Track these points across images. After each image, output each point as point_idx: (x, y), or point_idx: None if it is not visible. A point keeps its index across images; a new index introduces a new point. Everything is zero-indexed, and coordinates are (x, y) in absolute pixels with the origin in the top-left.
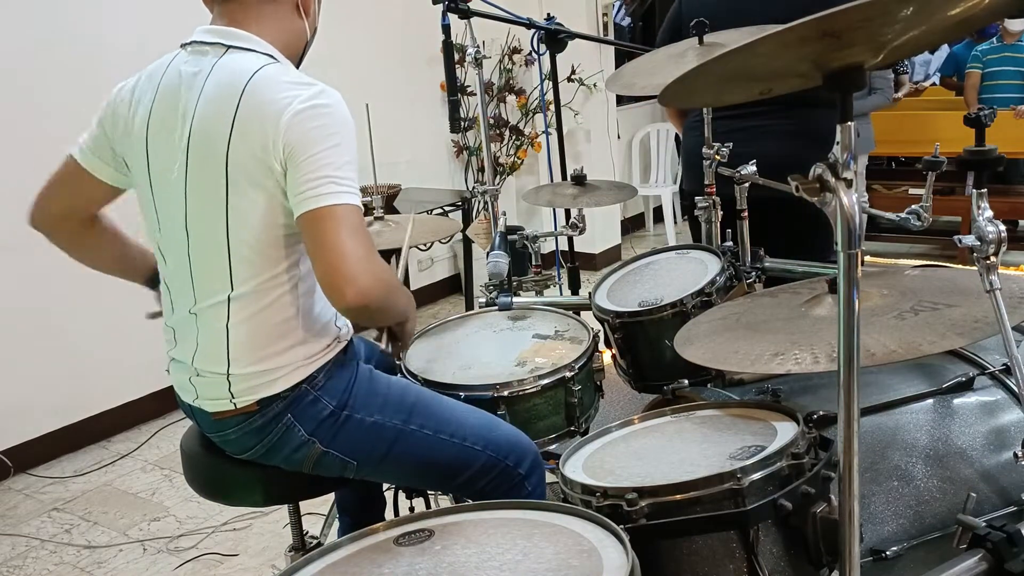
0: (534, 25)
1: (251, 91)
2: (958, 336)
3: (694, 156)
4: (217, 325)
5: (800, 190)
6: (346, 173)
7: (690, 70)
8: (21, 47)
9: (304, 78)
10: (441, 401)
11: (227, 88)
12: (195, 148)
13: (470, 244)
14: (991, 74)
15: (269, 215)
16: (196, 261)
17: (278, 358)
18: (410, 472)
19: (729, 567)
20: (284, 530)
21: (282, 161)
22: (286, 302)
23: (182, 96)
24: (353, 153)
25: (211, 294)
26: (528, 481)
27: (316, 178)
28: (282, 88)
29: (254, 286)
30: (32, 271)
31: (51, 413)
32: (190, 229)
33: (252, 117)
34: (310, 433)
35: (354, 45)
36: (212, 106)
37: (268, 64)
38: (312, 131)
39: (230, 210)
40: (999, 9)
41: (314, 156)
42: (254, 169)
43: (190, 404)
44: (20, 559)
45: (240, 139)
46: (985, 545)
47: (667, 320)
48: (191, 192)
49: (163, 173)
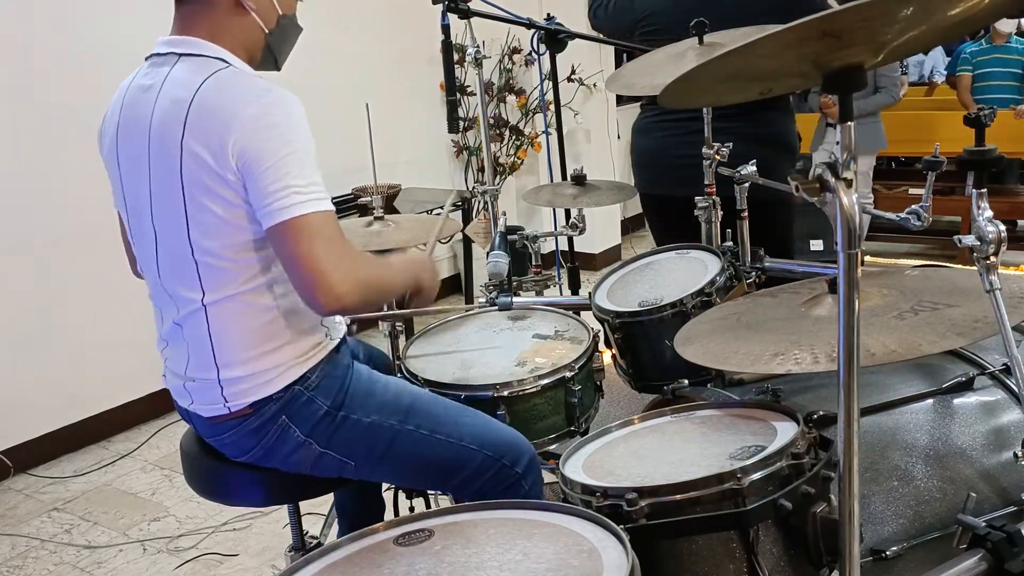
0: (534, 25)
1: (199, 102)
2: (958, 336)
3: (646, 156)
4: (199, 332)
5: (800, 190)
6: (308, 179)
7: (690, 70)
8: (23, 48)
9: (254, 83)
10: (438, 401)
11: (177, 100)
12: (154, 163)
13: (470, 244)
14: (982, 75)
15: (231, 223)
16: (167, 274)
17: (267, 359)
18: (408, 472)
19: (729, 567)
20: (284, 530)
21: (235, 171)
22: (265, 304)
23: (140, 111)
24: (311, 155)
25: (187, 303)
26: (525, 480)
27: (277, 189)
28: (229, 96)
29: (229, 292)
30: (32, 272)
31: (51, 413)
32: (159, 241)
33: (200, 128)
34: (306, 434)
35: (354, 45)
36: (164, 119)
37: (218, 70)
38: (265, 140)
39: (190, 221)
40: (999, 9)
41: (272, 166)
42: (207, 180)
43: (187, 409)
44: (20, 559)
45: (191, 151)
46: (985, 545)
47: (667, 320)
48: (155, 205)
49: (133, 190)
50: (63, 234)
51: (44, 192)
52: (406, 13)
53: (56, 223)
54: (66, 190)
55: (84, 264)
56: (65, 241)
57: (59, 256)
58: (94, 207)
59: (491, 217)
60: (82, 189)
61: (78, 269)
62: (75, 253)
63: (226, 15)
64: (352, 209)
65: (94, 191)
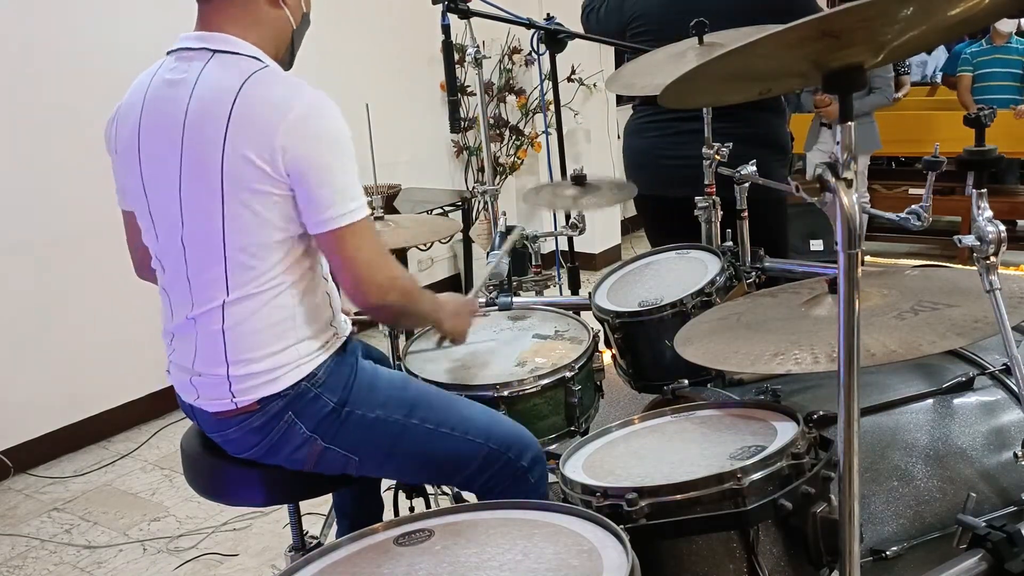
0: (534, 25)
1: (244, 98)
2: (958, 336)
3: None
4: (213, 328)
5: (800, 190)
6: (356, 185)
7: (690, 70)
8: (23, 48)
9: (296, 82)
10: (442, 396)
11: (218, 95)
12: (188, 157)
13: (470, 244)
14: (982, 76)
15: (266, 222)
16: (193, 269)
17: (277, 357)
18: (413, 467)
19: (729, 567)
20: (284, 530)
21: (283, 172)
22: (282, 303)
23: (170, 107)
24: (354, 158)
25: (208, 300)
26: (531, 474)
27: (332, 195)
28: (276, 95)
29: (250, 290)
30: (32, 272)
31: (51, 413)
32: (186, 239)
33: (247, 125)
34: (311, 430)
35: (354, 45)
36: (203, 114)
37: (259, 69)
38: (316, 143)
39: (226, 219)
40: (999, 9)
41: (324, 172)
42: (251, 177)
43: (191, 404)
44: (20, 559)
45: (236, 151)
46: (985, 545)
47: (667, 320)
48: (186, 200)
49: (158, 184)
50: (63, 234)
51: (44, 192)
52: (406, 13)
53: (56, 223)
54: (66, 190)
55: (84, 264)
56: (65, 241)
57: (59, 256)
58: (94, 207)
59: (491, 217)
60: (82, 189)
61: (78, 269)
62: (75, 253)
63: (258, 11)
64: None
65: (94, 191)
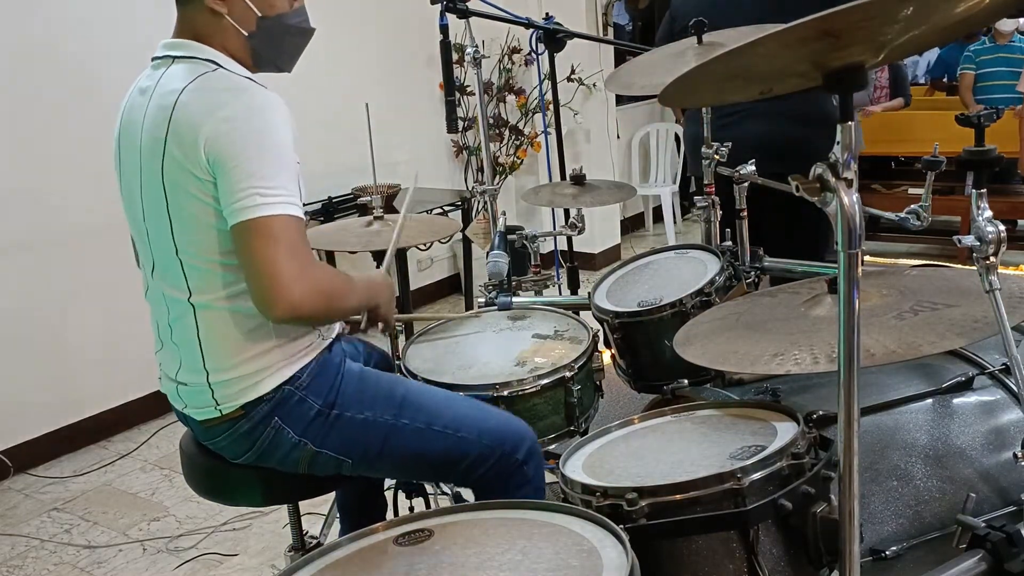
0: (533, 25)
1: (181, 103)
2: (958, 336)
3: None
4: (188, 336)
5: (800, 190)
6: (276, 182)
7: (690, 70)
8: (23, 47)
9: (236, 83)
10: (432, 393)
11: (164, 101)
12: (144, 164)
13: (470, 244)
14: (985, 75)
15: (209, 224)
16: (160, 275)
17: (256, 361)
18: (406, 466)
19: (729, 567)
20: (284, 530)
21: (206, 170)
22: (252, 310)
23: (136, 115)
24: (285, 159)
25: (176, 305)
26: (527, 466)
27: (241, 189)
28: (209, 97)
29: (215, 296)
30: (31, 272)
31: (51, 413)
32: (152, 244)
33: (180, 129)
34: (300, 434)
35: (354, 45)
36: (154, 121)
37: (206, 72)
38: (237, 139)
39: (172, 221)
40: (999, 9)
41: (238, 166)
42: (183, 180)
43: (183, 412)
44: (20, 559)
45: (171, 151)
46: (985, 545)
47: (667, 320)
48: (147, 207)
49: (131, 191)
50: (63, 234)
51: (44, 192)
52: (405, 13)
53: (56, 223)
54: (66, 190)
55: (84, 264)
56: (65, 241)
57: (59, 256)
58: (94, 207)
59: (491, 217)
60: (82, 189)
61: (78, 269)
62: (75, 253)
63: (203, 16)
64: (352, 209)
65: (94, 191)
